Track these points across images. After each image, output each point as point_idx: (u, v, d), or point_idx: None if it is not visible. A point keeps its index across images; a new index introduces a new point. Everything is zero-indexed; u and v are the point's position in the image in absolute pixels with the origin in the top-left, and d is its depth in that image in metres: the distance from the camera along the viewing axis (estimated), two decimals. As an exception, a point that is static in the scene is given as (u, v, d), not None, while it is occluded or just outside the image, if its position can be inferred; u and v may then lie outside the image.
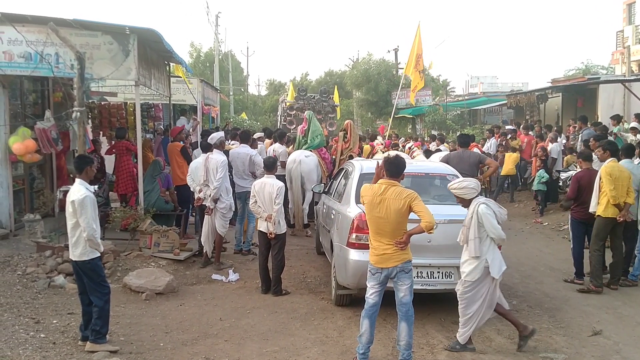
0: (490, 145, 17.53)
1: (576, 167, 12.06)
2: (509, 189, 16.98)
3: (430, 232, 5.72)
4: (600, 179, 8.32)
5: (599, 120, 16.98)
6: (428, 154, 13.62)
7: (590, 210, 8.45)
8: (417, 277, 6.89)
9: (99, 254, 6.09)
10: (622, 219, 8.29)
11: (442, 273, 7.01)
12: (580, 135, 14.94)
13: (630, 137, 13.09)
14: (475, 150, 13.52)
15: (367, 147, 16.10)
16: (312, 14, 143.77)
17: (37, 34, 9.21)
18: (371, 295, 5.90)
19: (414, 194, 5.72)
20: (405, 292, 5.77)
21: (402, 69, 20.20)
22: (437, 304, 7.55)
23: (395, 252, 5.73)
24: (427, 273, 6.96)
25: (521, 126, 19.65)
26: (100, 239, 6.26)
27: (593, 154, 9.47)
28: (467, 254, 6.11)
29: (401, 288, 5.78)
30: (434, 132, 23.76)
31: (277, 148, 12.76)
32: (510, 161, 15.95)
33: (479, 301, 6.13)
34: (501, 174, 15.91)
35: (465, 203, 6.25)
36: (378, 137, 18.51)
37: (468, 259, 6.10)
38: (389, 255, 5.73)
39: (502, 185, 16.81)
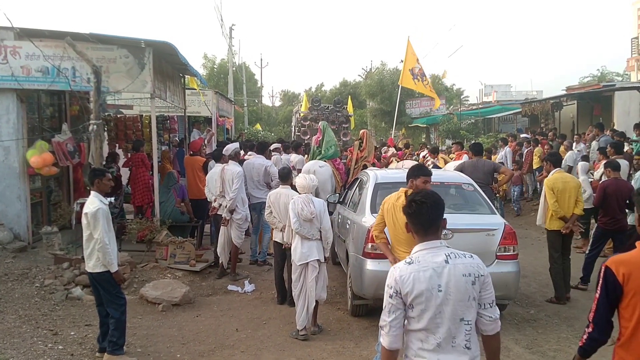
0: (505, 154, 17.41)
1: (592, 175, 11.95)
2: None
3: None
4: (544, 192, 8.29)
5: (615, 127, 16.85)
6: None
7: (537, 223, 8.71)
8: (434, 286, 6.84)
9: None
10: (566, 231, 8.22)
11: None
12: (597, 142, 14.82)
13: None
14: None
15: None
16: (325, 25, 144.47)
17: (55, 49, 9.35)
18: None
19: None
20: None
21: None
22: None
23: None
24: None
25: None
26: (117, 250, 6.29)
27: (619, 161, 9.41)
28: None
29: None
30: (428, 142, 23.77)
31: (294, 158, 12.80)
32: None
33: (299, 285, 7.08)
34: None
35: None
36: (390, 148, 18.50)
37: None
38: None
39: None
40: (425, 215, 3.19)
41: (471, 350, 3.07)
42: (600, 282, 3.18)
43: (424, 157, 17.06)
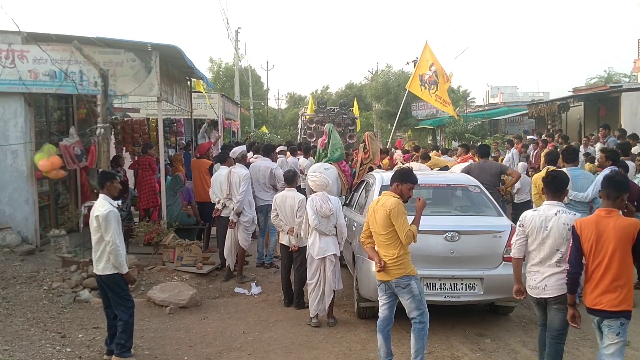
0: (512, 155, 17.31)
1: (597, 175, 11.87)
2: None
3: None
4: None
5: (623, 128, 16.76)
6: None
7: None
8: (440, 289, 6.85)
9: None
10: None
11: (466, 285, 6.95)
12: (603, 144, 14.75)
13: None
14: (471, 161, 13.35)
15: (385, 161, 16.03)
16: (331, 28, 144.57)
17: (62, 53, 9.40)
18: (381, 307, 5.89)
19: (394, 204, 5.60)
20: (408, 307, 5.67)
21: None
22: (460, 316, 7.48)
23: (391, 265, 5.64)
24: (450, 285, 6.90)
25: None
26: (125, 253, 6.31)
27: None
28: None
29: (404, 303, 5.72)
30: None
31: (302, 162, 12.81)
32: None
33: (315, 278, 7.42)
34: None
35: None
36: (397, 150, 18.44)
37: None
38: (387, 268, 5.67)
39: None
40: (554, 185, 5.20)
41: (561, 267, 5.00)
42: (572, 235, 4.83)
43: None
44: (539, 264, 5.17)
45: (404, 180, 5.78)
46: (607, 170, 8.35)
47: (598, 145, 15.18)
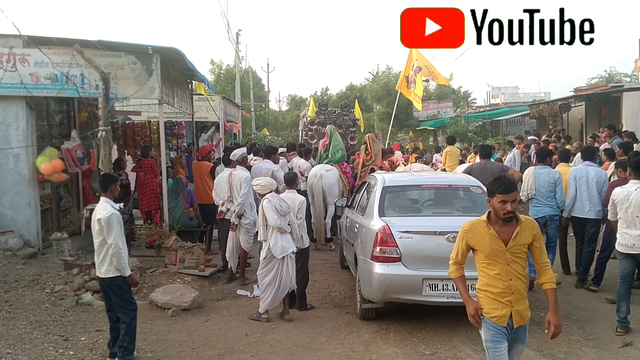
0: (513, 156, 17.30)
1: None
2: None
3: None
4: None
5: (625, 129, 16.75)
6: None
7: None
8: (443, 289, 6.84)
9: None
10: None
11: (469, 285, 6.89)
12: (610, 143, 14.72)
13: None
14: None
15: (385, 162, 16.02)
16: (331, 29, 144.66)
17: (63, 56, 9.41)
18: None
19: (462, 226, 4.76)
20: None
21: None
22: (463, 317, 7.43)
23: None
24: (453, 286, 6.86)
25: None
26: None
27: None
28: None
29: None
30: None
31: (302, 164, 12.80)
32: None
33: (270, 275, 7.58)
34: None
35: (262, 196, 7.77)
36: (396, 152, 18.45)
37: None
38: None
39: None
40: (638, 167, 6.88)
41: None
42: None
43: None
44: (626, 227, 6.79)
45: (491, 192, 4.47)
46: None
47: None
